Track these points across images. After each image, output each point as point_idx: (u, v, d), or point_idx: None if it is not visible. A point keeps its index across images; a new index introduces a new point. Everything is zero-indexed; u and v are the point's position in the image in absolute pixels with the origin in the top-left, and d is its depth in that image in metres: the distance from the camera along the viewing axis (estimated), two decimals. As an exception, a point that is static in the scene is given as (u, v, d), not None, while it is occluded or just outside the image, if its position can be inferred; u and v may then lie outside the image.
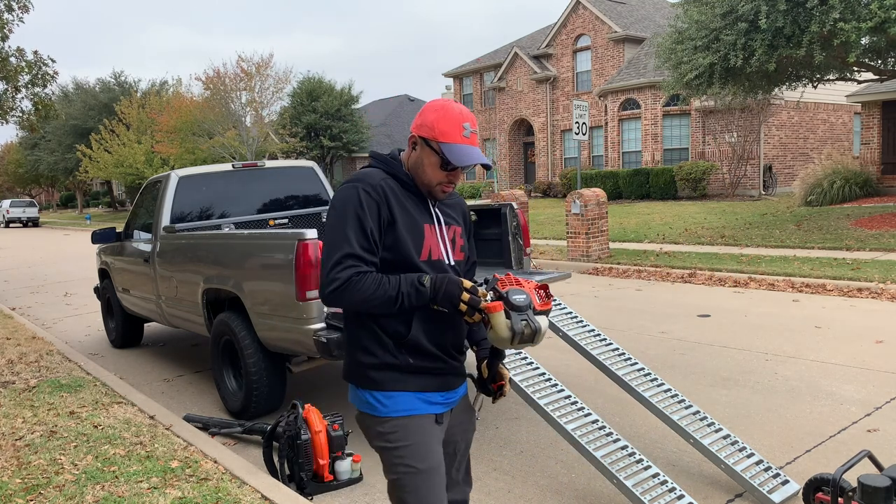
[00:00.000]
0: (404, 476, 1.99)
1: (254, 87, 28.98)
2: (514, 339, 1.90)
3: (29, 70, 11.84)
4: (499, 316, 1.90)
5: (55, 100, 13.54)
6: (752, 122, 20.42)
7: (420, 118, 2.02)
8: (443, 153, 1.97)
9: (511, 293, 1.93)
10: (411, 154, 2.05)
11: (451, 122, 1.97)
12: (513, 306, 1.91)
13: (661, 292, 8.91)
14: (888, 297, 7.76)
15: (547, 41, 28.84)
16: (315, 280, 4.09)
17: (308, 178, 6.81)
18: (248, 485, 3.53)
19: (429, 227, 2.04)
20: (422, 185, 2.04)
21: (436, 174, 2.01)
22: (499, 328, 1.90)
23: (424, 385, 2.03)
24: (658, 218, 16.61)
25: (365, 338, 2.02)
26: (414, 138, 2.03)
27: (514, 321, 1.90)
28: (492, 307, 1.91)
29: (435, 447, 2.04)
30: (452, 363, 2.10)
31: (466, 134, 1.98)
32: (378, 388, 2.01)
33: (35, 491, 3.51)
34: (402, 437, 1.99)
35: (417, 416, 2.02)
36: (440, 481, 2.03)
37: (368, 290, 1.89)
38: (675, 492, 3.21)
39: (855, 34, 10.31)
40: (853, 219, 13.23)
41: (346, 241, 1.92)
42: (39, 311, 10.02)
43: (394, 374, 2.00)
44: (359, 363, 2.04)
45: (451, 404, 2.13)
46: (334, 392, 5.43)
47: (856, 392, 4.80)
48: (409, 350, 2.00)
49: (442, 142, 1.97)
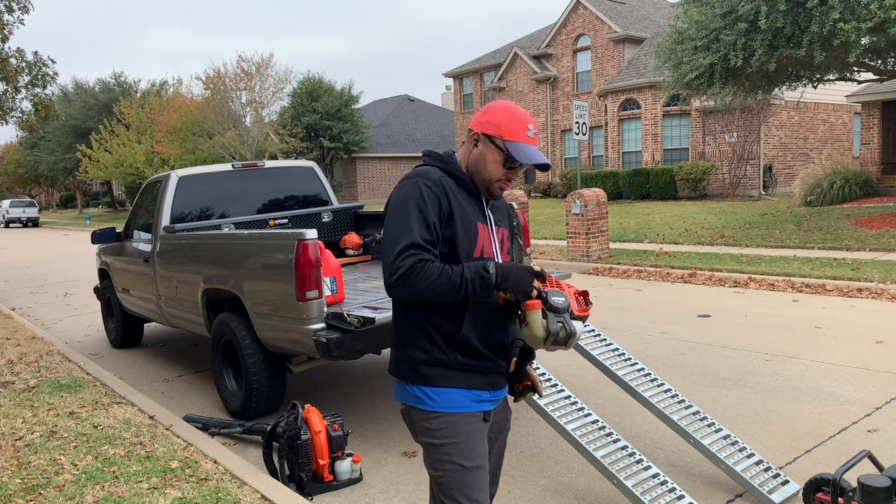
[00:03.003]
0: (450, 473, 2.00)
1: (254, 87, 28.99)
2: (548, 340, 1.90)
3: (29, 71, 11.85)
4: (536, 314, 1.90)
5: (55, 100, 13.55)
6: (752, 122, 20.42)
7: (484, 116, 2.09)
8: (508, 150, 2.04)
9: (550, 294, 1.93)
10: (472, 151, 2.10)
11: (517, 121, 2.05)
12: (551, 307, 1.91)
13: (661, 292, 8.91)
14: (888, 297, 7.76)
15: (547, 41, 28.84)
16: (314, 280, 4.09)
17: (308, 178, 6.81)
18: (248, 485, 3.53)
19: (482, 226, 2.09)
20: (480, 181, 2.09)
21: (497, 171, 2.07)
22: (534, 326, 1.90)
23: (472, 383, 2.05)
24: (658, 218, 16.61)
25: (415, 334, 2.04)
26: (476, 135, 2.08)
27: (550, 322, 1.90)
28: (530, 304, 1.91)
29: (481, 445, 2.05)
30: (499, 362, 2.11)
31: (530, 135, 2.07)
32: (427, 383, 2.03)
33: (35, 491, 3.51)
34: (449, 434, 2.01)
35: (465, 414, 2.03)
36: (485, 479, 2.05)
37: (432, 277, 1.90)
38: (675, 492, 3.21)
39: (855, 34, 10.31)
40: (853, 219, 13.23)
41: (409, 232, 1.94)
42: (39, 311, 10.02)
43: (443, 370, 2.03)
44: (409, 358, 2.06)
45: (497, 402, 2.16)
46: (334, 392, 5.43)
47: (856, 392, 4.80)
48: (459, 348, 2.03)
49: (507, 139, 2.04)
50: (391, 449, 4.21)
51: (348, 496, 3.65)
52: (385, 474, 3.88)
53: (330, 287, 4.34)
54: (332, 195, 6.92)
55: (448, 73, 34.88)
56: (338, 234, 6.65)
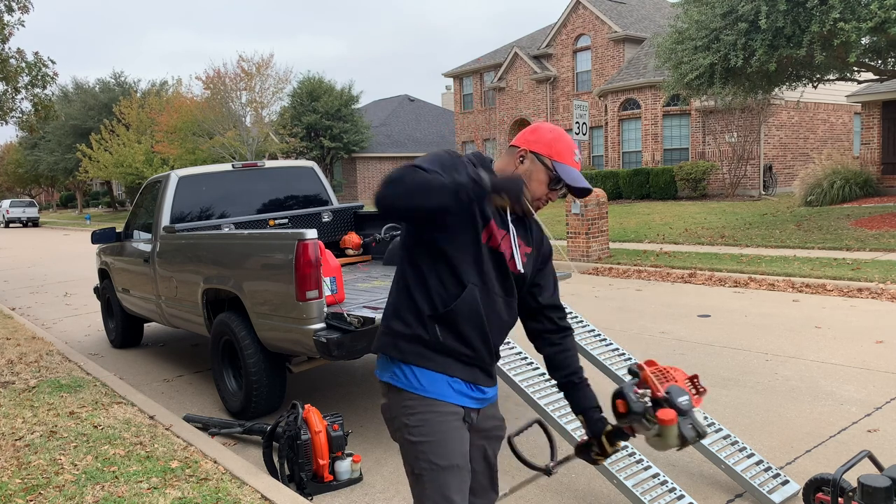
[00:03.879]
0: (426, 473, 1.97)
1: (254, 87, 28.99)
2: (682, 447, 1.77)
3: (29, 71, 11.85)
4: (673, 428, 1.72)
5: (55, 100, 13.55)
6: (752, 122, 20.42)
7: (533, 135, 2.10)
8: (556, 171, 2.06)
9: (674, 394, 1.76)
10: (518, 167, 2.09)
11: (566, 145, 2.09)
12: (681, 412, 1.75)
13: (661, 292, 8.91)
14: (888, 297, 7.76)
15: (547, 41, 28.84)
16: (314, 280, 4.09)
17: (308, 178, 6.81)
18: (248, 485, 3.53)
19: (494, 223, 2.03)
20: None
21: (540, 190, 2.08)
22: (670, 439, 1.75)
23: (450, 370, 2.01)
24: (658, 218, 16.61)
25: (403, 305, 2.03)
26: (523, 153, 2.09)
27: (683, 429, 1.73)
28: (666, 420, 1.72)
29: (458, 446, 2.01)
30: (483, 356, 2.06)
31: (577, 159, 2.11)
32: (404, 359, 2.00)
33: (35, 491, 3.51)
34: (426, 431, 1.98)
35: (443, 407, 1.99)
36: (463, 480, 2.01)
37: (427, 176, 1.80)
38: (675, 492, 3.21)
39: (855, 34, 10.31)
40: (853, 219, 13.23)
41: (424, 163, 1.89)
42: (39, 311, 10.02)
43: (420, 348, 1.99)
44: (391, 331, 2.04)
45: (480, 403, 2.11)
46: (334, 392, 5.43)
47: (856, 392, 4.80)
48: (443, 324, 1.98)
49: (556, 161, 2.07)
50: (391, 449, 4.21)
51: (348, 496, 3.65)
52: (385, 474, 3.88)
53: (330, 287, 4.34)
54: (332, 195, 6.92)
55: (448, 73, 34.88)
56: (338, 234, 6.65)
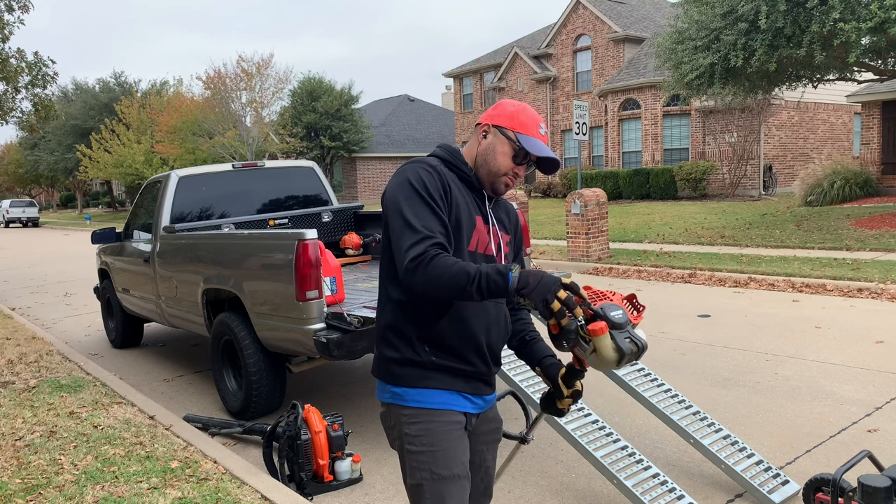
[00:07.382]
0: (426, 483, 1.92)
1: (254, 87, 28.99)
2: (622, 361, 1.75)
3: (29, 71, 11.85)
4: (604, 338, 1.72)
5: (55, 100, 13.54)
6: (752, 122, 20.42)
7: (496, 110, 2.07)
8: (519, 142, 2.01)
9: (607, 309, 1.75)
10: (480, 143, 2.06)
11: (529, 117, 2.05)
12: (614, 325, 1.74)
13: (661, 292, 8.91)
14: (888, 297, 7.76)
15: (547, 41, 28.84)
16: (314, 280, 4.09)
17: (308, 178, 6.81)
18: (248, 485, 3.53)
19: (480, 220, 2.03)
20: (487, 174, 2.04)
21: (506, 163, 2.03)
22: (605, 351, 1.74)
23: (451, 385, 1.97)
24: (658, 218, 16.61)
25: (389, 330, 1.99)
26: (486, 127, 2.05)
27: (618, 341, 1.73)
28: (597, 330, 1.71)
29: (460, 455, 1.96)
30: (483, 369, 2.01)
31: (542, 132, 2.06)
32: (401, 383, 1.97)
33: (35, 491, 3.51)
34: (427, 441, 1.93)
35: (445, 416, 1.96)
36: (462, 490, 1.96)
37: (448, 263, 1.77)
38: (675, 492, 3.21)
39: (855, 34, 10.31)
40: (853, 219, 13.23)
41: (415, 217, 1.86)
42: (39, 311, 10.02)
43: (415, 370, 1.95)
44: (384, 357, 2.01)
45: (482, 408, 2.08)
46: (334, 392, 5.43)
47: (856, 392, 4.80)
48: (433, 345, 1.94)
49: (520, 132, 2.02)
50: (391, 449, 4.21)
51: (348, 496, 3.65)
52: (385, 474, 3.88)
53: (330, 287, 4.34)
54: (332, 195, 6.92)
55: (448, 73, 34.88)
56: (338, 234, 6.65)
